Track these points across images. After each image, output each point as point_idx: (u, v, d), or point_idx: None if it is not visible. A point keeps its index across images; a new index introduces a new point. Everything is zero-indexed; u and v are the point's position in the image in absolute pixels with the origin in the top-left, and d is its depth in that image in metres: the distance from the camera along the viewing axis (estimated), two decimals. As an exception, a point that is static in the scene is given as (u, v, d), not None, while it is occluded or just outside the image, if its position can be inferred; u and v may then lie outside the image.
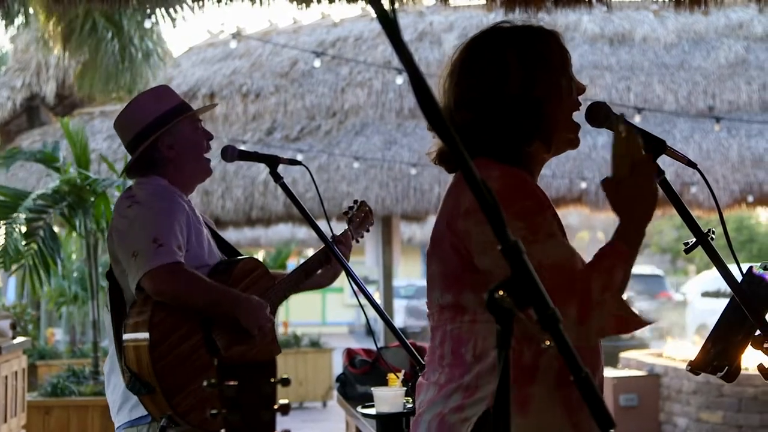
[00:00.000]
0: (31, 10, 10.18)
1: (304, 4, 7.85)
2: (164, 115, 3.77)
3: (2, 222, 7.83)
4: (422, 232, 26.60)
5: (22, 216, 7.79)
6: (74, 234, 9.41)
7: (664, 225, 34.16)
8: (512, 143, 2.40)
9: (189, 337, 3.52)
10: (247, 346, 3.64)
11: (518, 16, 7.64)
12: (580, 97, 2.54)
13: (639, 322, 2.24)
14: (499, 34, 2.47)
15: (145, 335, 3.42)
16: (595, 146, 14.43)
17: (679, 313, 23.97)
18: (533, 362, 2.30)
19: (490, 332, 2.33)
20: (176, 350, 3.46)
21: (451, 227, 2.36)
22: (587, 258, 2.33)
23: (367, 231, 4.35)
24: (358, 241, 4.31)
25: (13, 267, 7.76)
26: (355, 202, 4.32)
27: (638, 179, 2.25)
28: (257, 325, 3.62)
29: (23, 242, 7.74)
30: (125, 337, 3.49)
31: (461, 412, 2.33)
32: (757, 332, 2.68)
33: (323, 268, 4.08)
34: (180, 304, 3.50)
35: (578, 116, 2.53)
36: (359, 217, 4.26)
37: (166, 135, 3.76)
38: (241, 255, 4.01)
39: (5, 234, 7.72)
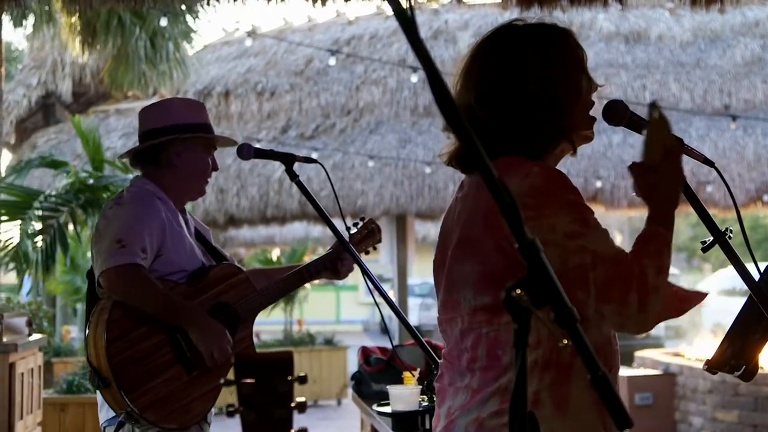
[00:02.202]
0: (49, 8, 10.21)
1: (319, 2, 7.86)
2: (189, 125, 3.86)
3: (13, 222, 7.88)
4: (437, 230, 26.43)
5: (37, 213, 7.82)
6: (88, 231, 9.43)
7: (679, 224, 34.05)
8: (535, 140, 2.39)
9: (150, 335, 3.56)
10: None
11: (533, 14, 7.64)
12: (595, 96, 2.52)
13: (696, 296, 2.25)
14: (518, 31, 2.44)
15: (104, 330, 3.48)
16: (611, 145, 14.41)
17: (694, 311, 23.90)
18: (569, 362, 2.28)
19: (530, 333, 2.30)
20: (135, 347, 3.52)
21: (493, 227, 2.29)
22: None
23: (374, 249, 4.27)
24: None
25: (11, 265, 7.82)
26: (362, 219, 4.27)
27: (669, 164, 2.27)
28: (208, 351, 3.61)
29: (31, 242, 7.79)
30: (87, 331, 3.57)
31: (501, 416, 2.26)
32: (775, 331, 2.67)
33: (323, 274, 4.08)
34: (132, 305, 3.56)
35: (593, 113, 2.52)
36: (362, 233, 4.19)
37: (181, 143, 3.84)
38: (232, 263, 4.03)
39: (20, 233, 7.77)
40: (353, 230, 4.20)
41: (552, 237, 2.19)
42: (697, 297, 2.28)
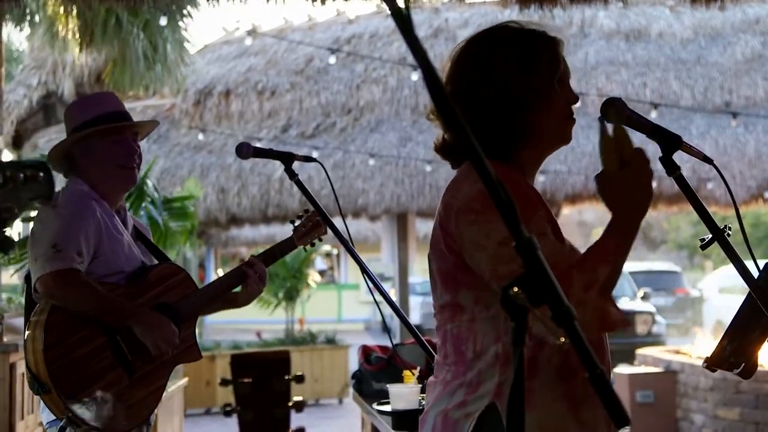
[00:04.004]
0: (48, 10, 10.21)
1: (319, 1, 7.84)
2: (83, 124, 3.82)
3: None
4: (438, 228, 26.52)
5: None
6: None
7: (680, 221, 34.09)
8: (498, 142, 2.41)
9: (91, 339, 3.54)
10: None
11: (533, 12, 7.63)
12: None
13: (621, 323, 2.23)
14: (497, 35, 2.48)
15: (41, 335, 3.45)
16: (611, 142, 14.38)
17: (696, 309, 23.89)
18: (533, 356, 2.31)
19: (489, 329, 2.34)
20: (75, 352, 3.49)
21: (444, 227, 2.37)
22: None
23: (320, 240, 4.32)
24: (306, 250, 4.35)
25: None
26: (306, 211, 4.30)
27: (628, 175, 2.23)
28: (153, 342, 3.61)
29: None
30: (25, 337, 3.54)
31: (464, 408, 2.35)
32: (774, 328, 2.67)
33: (241, 286, 4.09)
34: (72, 309, 3.53)
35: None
36: (306, 226, 4.26)
37: (79, 145, 3.81)
38: (173, 263, 4.02)
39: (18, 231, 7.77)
40: (297, 223, 4.26)
41: (485, 243, 2.23)
42: (622, 323, 2.26)
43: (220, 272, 20.84)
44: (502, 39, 2.46)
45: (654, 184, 2.28)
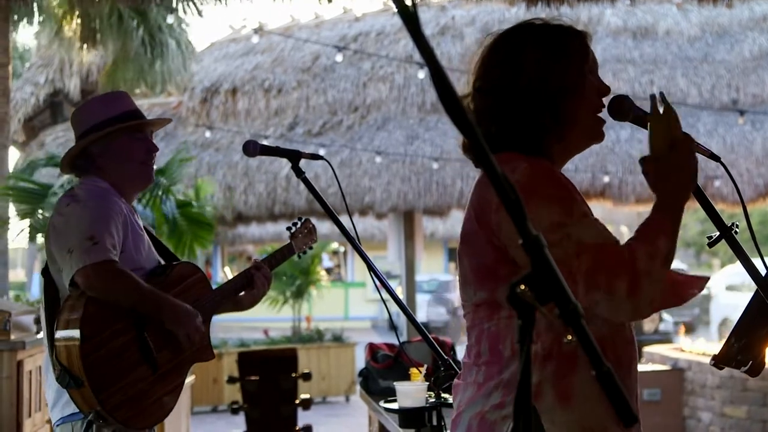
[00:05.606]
0: (54, 8, 10.23)
1: (325, -1, 7.85)
2: (102, 122, 3.82)
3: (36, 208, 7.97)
4: (444, 226, 26.55)
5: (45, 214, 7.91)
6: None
7: (687, 219, 34.03)
8: (531, 136, 2.40)
9: (122, 334, 3.55)
10: (179, 351, 3.69)
11: (540, 10, 7.63)
12: None
13: (697, 282, 2.23)
14: (525, 29, 2.48)
15: (77, 328, 3.45)
16: (618, 140, 14.38)
17: (703, 307, 23.85)
18: (573, 351, 2.27)
19: None
20: (108, 345, 3.50)
21: (483, 222, 2.34)
22: None
23: (310, 248, 4.43)
24: (300, 257, 4.42)
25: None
26: (299, 218, 4.40)
27: (677, 156, 2.27)
28: (184, 332, 3.64)
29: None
30: (57, 331, 3.52)
31: (502, 409, 2.30)
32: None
33: (246, 290, 4.11)
34: (110, 301, 3.54)
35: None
36: (302, 233, 4.33)
37: (98, 142, 3.81)
38: (190, 262, 4.04)
39: (40, 215, 7.87)
40: (292, 230, 4.32)
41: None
42: (699, 282, 2.27)
43: (227, 270, 20.78)
44: (533, 33, 2.46)
45: None
